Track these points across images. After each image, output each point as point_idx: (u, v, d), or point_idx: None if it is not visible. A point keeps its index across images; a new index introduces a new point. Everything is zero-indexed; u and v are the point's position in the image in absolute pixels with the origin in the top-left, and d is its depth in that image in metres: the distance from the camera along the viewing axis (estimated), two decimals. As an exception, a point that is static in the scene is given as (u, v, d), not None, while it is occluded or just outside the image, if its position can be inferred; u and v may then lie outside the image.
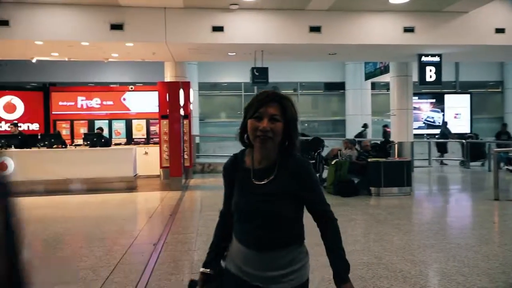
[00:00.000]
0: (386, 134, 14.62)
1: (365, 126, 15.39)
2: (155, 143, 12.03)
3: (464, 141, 14.08)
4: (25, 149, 9.45)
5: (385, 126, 15.46)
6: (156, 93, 10.92)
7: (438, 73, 10.89)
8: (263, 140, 1.56)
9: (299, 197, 1.62)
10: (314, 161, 9.81)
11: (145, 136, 12.67)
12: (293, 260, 1.61)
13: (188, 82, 11.14)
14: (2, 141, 9.41)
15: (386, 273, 3.90)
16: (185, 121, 10.78)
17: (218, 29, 9.24)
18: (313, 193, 1.65)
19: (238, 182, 1.68)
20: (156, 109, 11.04)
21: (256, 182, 1.62)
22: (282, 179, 1.60)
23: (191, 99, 11.70)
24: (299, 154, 1.66)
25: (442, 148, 14.78)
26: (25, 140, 9.76)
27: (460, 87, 18.23)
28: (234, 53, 10.70)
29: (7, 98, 12.22)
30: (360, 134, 14.85)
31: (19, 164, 9.01)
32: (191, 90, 11.37)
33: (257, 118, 1.57)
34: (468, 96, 16.89)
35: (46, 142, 9.61)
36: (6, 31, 8.53)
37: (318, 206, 1.65)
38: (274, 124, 1.56)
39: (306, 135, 13.88)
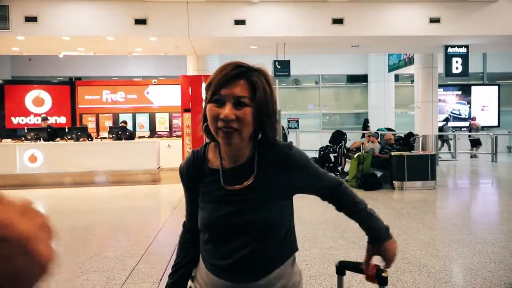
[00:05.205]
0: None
1: (446, 120, 14.64)
2: (177, 136, 12.19)
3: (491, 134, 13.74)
4: (53, 142, 9.74)
5: (473, 118, 15.21)
6: (179, 86, 11.02)
7: (465, 64, 10.61)
8: (227, 133, 1.14)
9: (294, 193, 1.27)
10: (336, 154, 9.78)
11: (168, 129, 12.87)
12: (285, 286, 1.25)
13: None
14: (32, 134, 9.73)
15: (410, 268, 3.88)
16: (207, 115, 10.84)
17: (240, 22, 9.26)
18: (319, 181, 1.30)
19: (203, 189, 1.26)
20: (179, 103, 11.17)
21: (229, 188, 1.21)
22: (265, 179, 1.21)
23: (213, 93, 11.75)
24: (281, 140, 1.27)
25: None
26: (54, 133, 10.06)
27: (487, 79, 17.73)
28: (256, 46, 10.69)
29: (36, 92, 12.61)
30: (442, 129, 14.03)
31: (47, 156, 9.33)
32: (213, 84, 11.41)
33: (217, 102, 1.14)
34: (496, 87, 16.41)
35: (73, 135, 9.88)
36: (35, 27, 8.79)
37: (329, 189, 1.32)
38: (241, 110, 1.13)
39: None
